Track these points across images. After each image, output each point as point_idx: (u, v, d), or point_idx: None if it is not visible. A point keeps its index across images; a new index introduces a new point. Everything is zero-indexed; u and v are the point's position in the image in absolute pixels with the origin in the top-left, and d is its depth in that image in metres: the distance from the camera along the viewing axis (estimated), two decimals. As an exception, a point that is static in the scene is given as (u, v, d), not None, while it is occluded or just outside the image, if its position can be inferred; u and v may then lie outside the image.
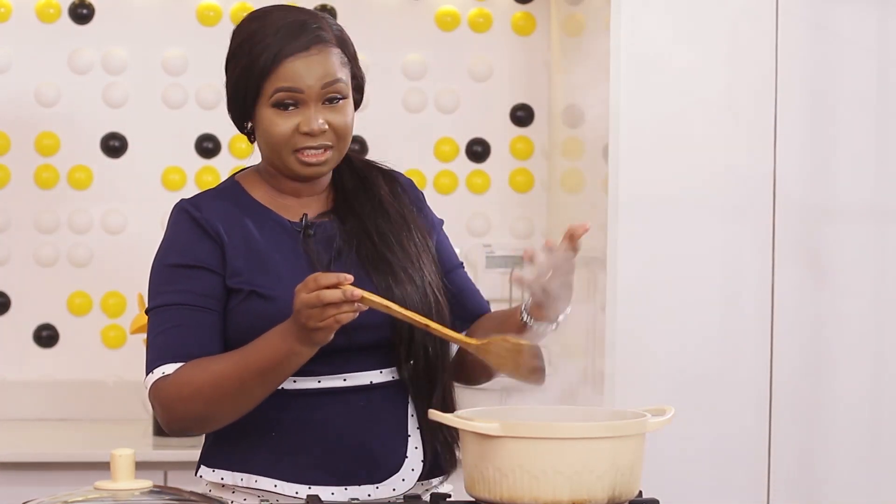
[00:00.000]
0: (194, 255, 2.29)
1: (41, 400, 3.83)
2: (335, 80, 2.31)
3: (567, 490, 1.96)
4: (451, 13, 3.96)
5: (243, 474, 2.31)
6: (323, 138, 2.30)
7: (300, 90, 2.28)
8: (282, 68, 2.28)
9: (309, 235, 2.34)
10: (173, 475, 3.36)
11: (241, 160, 3.91)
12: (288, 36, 2.29)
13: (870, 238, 3.38)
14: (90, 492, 1.85)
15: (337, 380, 2.29)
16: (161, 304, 2.30)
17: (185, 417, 2.24)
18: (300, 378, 2.27)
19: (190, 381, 2.21)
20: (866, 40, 3.37)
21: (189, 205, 2.34)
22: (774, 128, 3.35)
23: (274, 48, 2.28)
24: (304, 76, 2.28)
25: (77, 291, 3.87)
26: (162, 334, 2.27)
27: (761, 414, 3.35)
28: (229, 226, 2.31)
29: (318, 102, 2.30)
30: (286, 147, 2.30)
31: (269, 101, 2.29)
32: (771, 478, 3.36)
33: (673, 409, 2.09)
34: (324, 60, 2.30)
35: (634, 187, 3.30)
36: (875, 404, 3.39)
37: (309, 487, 2.27)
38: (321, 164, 2.31)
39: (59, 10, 3.86)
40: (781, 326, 3.35)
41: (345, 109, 2.34)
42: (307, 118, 2.28)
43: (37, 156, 3.86)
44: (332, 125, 2.31)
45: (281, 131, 2.29)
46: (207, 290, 2.27)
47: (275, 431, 2.28)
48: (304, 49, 2.29)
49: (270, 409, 2.26)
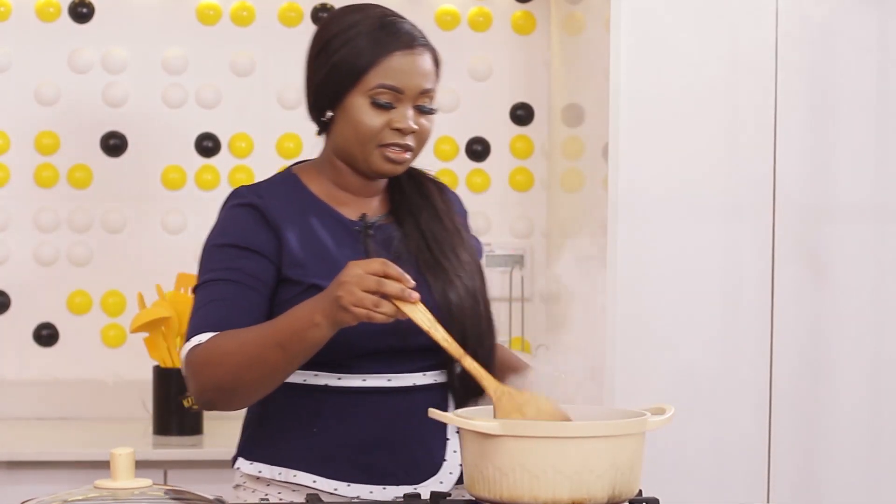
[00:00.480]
0: (248, 238, 2.29)
1: (41, 399, 3.83)
2: (431, 90, 2.35)
3: (567, 489, 1.96)
4: (451, 12, 3.96)
5: (282, 468, 2.32)
6: (409, 139, 2.32)
7: (401, 90, 2.31)
8: (388, 62, 2.30)
9: (369, 235, 2.35)
10: (173, 474, 3.36)
11: (241, 159, 3.91)
12: (392, 32, 2.32)
13: (869, 238, 3.38)
14: (90, 491, 1.84)
15: (381, 379, 2.30)
16: (207, 280, 2.29)
17: (211, 385, 2.22)
18: (345, 375, 2.29)
19: (218, 347, 2.21)
20: (866, 40, 3.37)
21: (249, 191, 2.35)
22: (774, 128, 3.36)
23: (379, 42, 2.30)
24: (407, 75, 2.31)
25: (77, 290, 3.87)
26: (204, 307, 2.27)
27: (761, 414, 3.35)
28: (290, 216, 2.32)
29: (412, 103, 2.32)
30: (373, 141, 2.32)
31: (366, 94, 2.31)
32: (771, 478, 3.36)
33: (673, 408, 2.10)
34: (424, 63, 2.34)
35: (634, 187, 3.31)
36: (875, 404, 3.39)
37: (348, 485, 2.29)
38: (400, 163, 2.34)
39: (59, 10, 3.86)
40: (781, 326, 3.35)
41: (431, 118, 2.37)
42: (402, 116, 2.31)
43: (37, 154, 3.86)
44: (420, 129, 2.33)
45: (374, 124, 2.31)
46: (256, 272, 2.27)
47: (316, 427, 2.30)
48: (409, 47, 2.32)
49: (313, 405, 2.28)
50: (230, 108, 3.92)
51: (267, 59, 3.92)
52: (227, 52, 3.91)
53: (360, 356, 2.24)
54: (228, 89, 3.91)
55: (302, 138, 3.93)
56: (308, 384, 2.31)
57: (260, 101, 3.92)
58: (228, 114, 3.91)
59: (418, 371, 2.31)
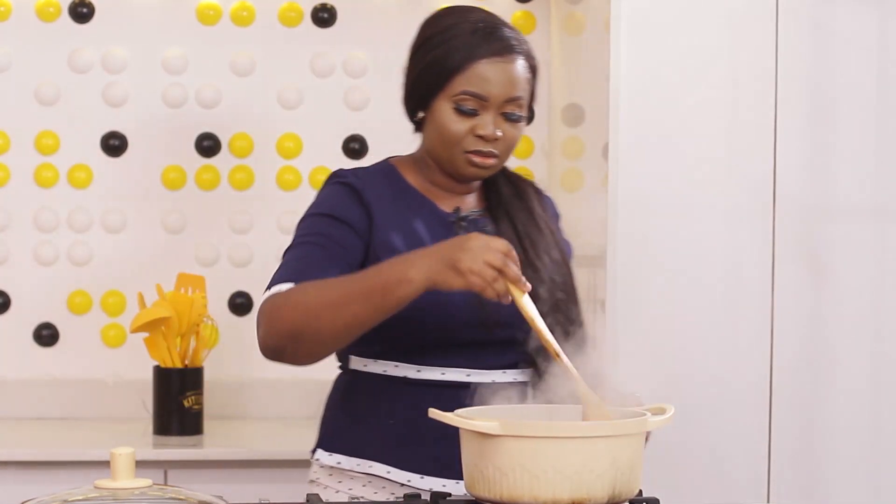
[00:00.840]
0: (342, 212, 2.33)
1: (41, 399, 3.83)
2: (518, 97, 2.35)
3: (567, 489, 1.96)
4: (452, 13, 3.96)
5: (360, 459, 2.36)
6: (494, 146, 2.34)
7: (485, 98, 2.32)
8: (473, 69, 2.31)
9: (462, 227, 2.36)
10: (173, 474, 3.36)
11: (241, 159, 3.91)
12: (485, 37, 2.33)
13: (870, 238, 3.38)
14: (90, 491, 1.85)
15: (461, 374, 2.33)
16: (297, 243, 2.32)
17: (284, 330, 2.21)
18: (424, 368, 2.32)
19: (298, 293, 2.22)
20: (866, 40, 3.37)
21: (349, 173, 2.40)
22: (774, 128, 3.35)
23: (469, 47, 2.32)
24: (493, 83, 2.32)
25: (77, 290, 3.87)
26: (289, 262, 2.29)
27: (761, 414, 3.35)
28: (385, 201, 2.36)
29: (497, 111, 2.33)
30: (458, 146, 2.34)
31: (451, 99, 2.33)
32: (771, 478, 3.36)
33: (673, 408, 2.10)
34: (512, 71, 2.34)
35: (634, 187, 3.30)
36: (875, 404, 3.39)
37: (421, 477, 2.33)
38: (485, 169, 2.36)
39: (59, 9, 3.86)
40: (781, 326, 3.35)
41: (520, 125, 2.37)
42: (485, 123, 2.32)
43: (37, 155, 3.86)
44: (504, 136, 2.34)
45: (457, 130, 2.33)
46: (345, 242, 2.30)
47: (393, 419, 2.32)
48: (497, 54, 2.32)
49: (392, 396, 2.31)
50: (230, 108, 3.91)
51: (267, 59, 3.92)
52: (227, 52, 3.91)
53: (441, 346, 2.27)
54: (228, 89, 3.91)
55: (302, 138, 3.93)
56: (388, 375, 2.36)
57: (260, 101, 3.92)
58: (228, 114, 3.91)
59: (498, 368, 2.31)
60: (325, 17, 3.93)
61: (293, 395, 3.85)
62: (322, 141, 3.94)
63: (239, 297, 3.91)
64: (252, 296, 3.92)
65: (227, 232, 3.91)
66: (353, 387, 2.42)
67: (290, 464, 3.39)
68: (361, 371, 2.41)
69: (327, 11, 3.93)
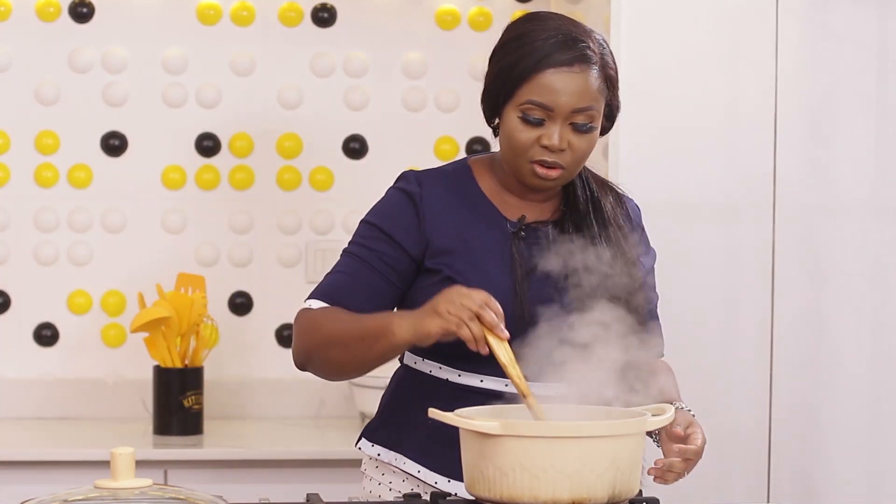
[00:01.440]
0: (393, 225, 2.36)
1: (41, 399, 3.83)
2: (587, 108, 2.31)
3: (567, 489, 1.96)
4: (451, 12, 3.96)
5: (396, 454, 2.39)
6: (560, 157, 2.31)
7: (550, 108, 2.29)
8: (539, 79, 2.28)
9: (521, 238, 2.36)
10: (173, 474, 3.36)
11: (241, 159, 3.91)
12: (554, 46, 2.29)
13: (870, 237, 3.38)
14: (90, 490, 1.85)
15: (499, 383, 2.33)
16: (349, 251, 2.39)
17: (303, 350, 2.35)
18: (465, 373, 2.34)
19: (319, 319, 2.33)
20: (866, 40, 3.37)
21: (413, 176, 2.41)
22: (774, 128, 3.35)
23: (537, 55, 2.29)
24: (559, 93, 2.28)
25: (77, 290, 3.87)
26: (333, 274, 2.38)
27: (761, 413, 3.35)
28: (446, 208, 2.36)
29: (565, 121, 2.30)
30: (524, 155, 2.31)
31: (518, 108, 2.30)
32: (771, 478, 3.36)
33: (673, 408, 2.10)
34: (582, 81, 2.30)
35: (634, 187, 3.29)
36: (875, 403, 3.39)
37: (448, 480, 2.34)
38: (551, 181, 2.33)
39: (59, 9, 3.86)
40: (781, 326, 3.35)
41: (589, 137, 2.33)
42: (550, 133, 2.29)
43: (37, 155, 3.86)
44: (572, 147, 2.31)
45: (523, 139, 2.31)
46: (390, 258, 2.35)
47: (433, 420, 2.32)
48: (566, 64, 2.29)
49: (433, 397, 2.31)
50: (230, 107, 3.91)
51: (267, 59, 3.92)
52: (227, 52, 3.91)
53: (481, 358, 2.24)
54: (228, 89, 3.91)
55: (302, 138, 3.93)
56: (432, 376, 2.39)
57: (260, 101, 3.92)
58: (228, 114, 3.91)
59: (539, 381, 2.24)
60: (326, 17, 3.93)
61: (293, 395, 3.85)
62: (322, 141, 3.94)
63: (239, 296, 3.91)
64: (252, 296, 3.92)
65: (227, 232, 3.91)
66: (403, 381, 2.46)
67: (290, 464, 3.39)
68: (412, 367, 2.44)
69: (327, 11, 3.93)
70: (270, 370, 3.90)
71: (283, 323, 3.91)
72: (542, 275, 2.33)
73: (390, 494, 2.41)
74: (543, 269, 2.33)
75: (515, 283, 2.33)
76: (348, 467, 3.21)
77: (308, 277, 3.89)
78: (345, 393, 3.82)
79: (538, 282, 2.33)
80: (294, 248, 3.92)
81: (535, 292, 2.33)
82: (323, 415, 3.88)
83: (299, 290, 2.96)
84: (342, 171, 3.94)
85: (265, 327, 3.92)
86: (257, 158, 3.92)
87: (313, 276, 3.83)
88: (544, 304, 2.29)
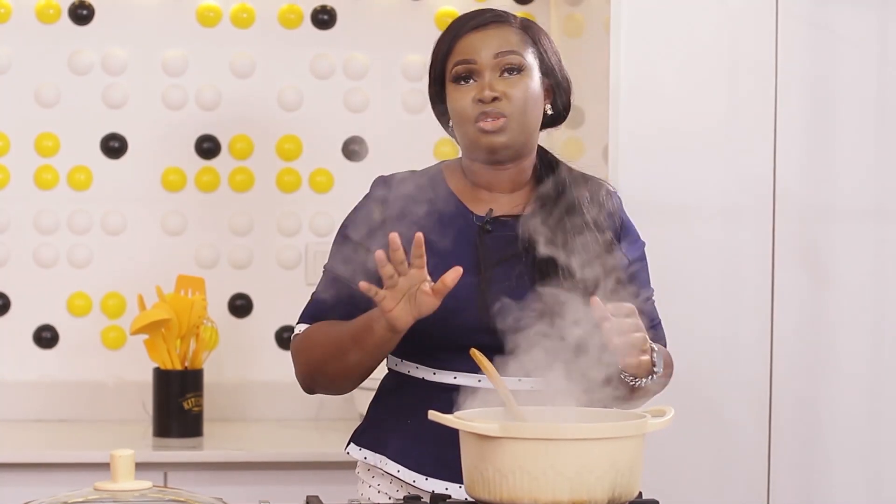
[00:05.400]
0: (358, 230, 2.40)
1: (41, 400, 3.83)
2: (509, 51, 2.37)
3: (567, 491, 1.96)
4: (452, 13, 3.96)
5: (381, 456, 2.41)
6: (497, 105, 2.35)
7: (473, 61, 2.36)
8: (458, 44, 2.39)
9: (486, 231, 2.37)
10: (173, 476, 3.36)
11: (241, 161, 3.91)
12: (468, 16, 2.43)
13: (870, 238, 3.38)
14: (90, 492, 1.85)
15: (472, 379, 2.35)
16: (327, 268, 2.44)
17: (307, 371, 2.40)
18: (439, 371, 2.36)
19: (310, 338, 2.37)
20: (866, 40, 3.37)
21: (383, 180, 2.46)
22: (774, 128, 3.35)
23: (454, 28, 2.41)
24: (479, 48, 2.37)
25: (77, 292, 3.87)
26: (317, 294, 2.43)
27: (761, 414, 3.35)
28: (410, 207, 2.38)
29: (493, 72, 2.37)
30: (468, 120, 2.37)
31: (450, 79, 2.38)
32: (771, 478, 3.36)
33: (672, 409, 2.09)
34: (499, 34, 2.39)
35: (634, 187, 3.30)
36: (875, 404, 3.39)
37: (426, 478, 2.35)
38: (496, 132, 2.35)
39: (59, 11, 3.86)
40: (781, 326, 3.35)
41: (522, 82, 2.38)
42: (480, 86, 2.35)
43: (37, 156, 3.86)
44: (507, 95, 2.35)
45: (461, 104, 2.36)
46: (361, 266, 2.35)
47: (410, 419, 2.36)
48: (480, 25, 2.40)
49: (412, 396, 2.35)
50: (230, 109, 3.91)
51: (267, 60, 3.92)
52: (226, 54, 3.91)
53: (452, 351, 2.30)
54: (228, 91, 3.91)
55: (302, 140, 3.93)
56: (411, 375, 2.41)
57: (260, 103, 3.92)
58: (228, 115, 3.91)
59: (514, 376, 2.26)
60: (325, 19, 3.93)
61: (293, 397, 3.84)
62: (322, 143, 3.94)
63: (239, 299, 3.91)
64: (252, 298, 3.92)
65: (227, 234, 3.91)
66: (386, 385, 2.49)
67: (290, 466, 3.39)
68: (393, 370, 2.47)
69: (327, 13, 3.93)
70: (270, 372, 3.90)
71: (283, 325, 3.91)
72: (508, 268, 2.33)
73: (380, 497, 2.42)
74: (510, 262, 2.33)
75: (479, 276, 2.33)
76: (348, 469, 3.20)
77: (308, 279, 3.89)
78: (344, 395, 3.82)
79: (504, 274, 2.34)
80: (294, 250, 3.92)
81: (501, 285, 2.34)
82: (322, 417, 3.88)
83: (299, 293, 2.96)
84: (342, 173, 3.94)
85: (265, 329, 3.92)
86: (257, 160, 3.92)
87: (313, 278, 3.83)
88: (511, 296, 2.31)
